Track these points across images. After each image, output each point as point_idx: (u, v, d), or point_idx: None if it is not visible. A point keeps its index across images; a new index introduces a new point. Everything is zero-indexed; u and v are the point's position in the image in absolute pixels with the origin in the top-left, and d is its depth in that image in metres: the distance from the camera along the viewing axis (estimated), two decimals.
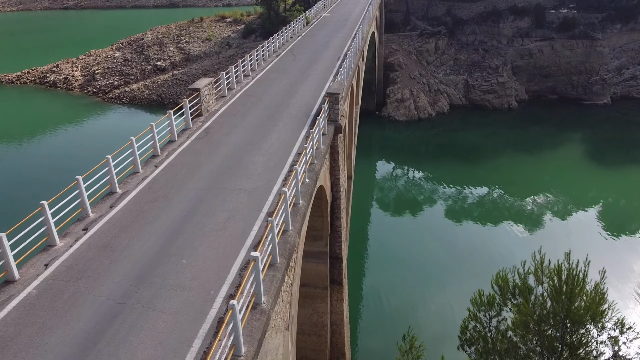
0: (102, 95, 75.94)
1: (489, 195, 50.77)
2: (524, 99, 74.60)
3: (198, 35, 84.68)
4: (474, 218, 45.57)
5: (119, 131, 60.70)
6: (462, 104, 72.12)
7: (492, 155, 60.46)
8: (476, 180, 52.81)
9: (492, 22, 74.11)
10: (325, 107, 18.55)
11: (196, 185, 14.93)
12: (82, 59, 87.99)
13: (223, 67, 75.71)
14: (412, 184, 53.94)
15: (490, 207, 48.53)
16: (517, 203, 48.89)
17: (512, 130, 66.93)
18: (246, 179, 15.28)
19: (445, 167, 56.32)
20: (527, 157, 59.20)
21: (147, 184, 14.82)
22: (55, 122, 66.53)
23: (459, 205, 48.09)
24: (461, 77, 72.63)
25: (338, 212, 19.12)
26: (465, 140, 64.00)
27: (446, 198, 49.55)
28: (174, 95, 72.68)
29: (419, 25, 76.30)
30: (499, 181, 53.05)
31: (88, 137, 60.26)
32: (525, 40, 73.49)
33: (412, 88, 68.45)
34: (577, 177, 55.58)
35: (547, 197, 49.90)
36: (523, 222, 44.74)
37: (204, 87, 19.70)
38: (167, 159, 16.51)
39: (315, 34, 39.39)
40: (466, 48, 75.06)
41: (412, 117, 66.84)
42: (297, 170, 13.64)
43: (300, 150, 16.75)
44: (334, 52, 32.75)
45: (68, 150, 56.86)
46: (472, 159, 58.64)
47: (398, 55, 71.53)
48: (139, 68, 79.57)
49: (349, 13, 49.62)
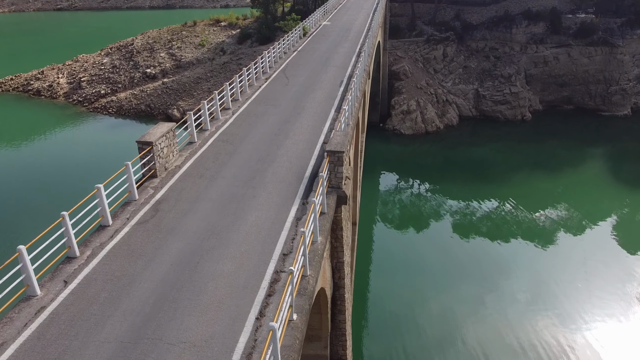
0: (88, 105, 71.24)
1: (500, 211, 46.41)
2: (537, 110, 69.78)
3: (191, 40, 79.89)
4: (483, 234, 41.95)
5: (96, 146, 56.05)
6: (472, 115, 67.30)
7: (504, 171, 55.70)
8: (486, 196, 48.54)
9: (504, 27, 69.21)
10: (324, 169, 13.67)
11: (111, 335, 9.11)
12: (68, 65, 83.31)
13: (216, 75, 71.04)
14: (419, 201, 49.21)
15: (500, 223, 44.36)
16: (529, 219, 44.61)
17: (525, 143, 62.10)
18: (197, 319, 9.59)
19: (454, 184, 51.66)
20: (542, 172, 54.64)
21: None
22: (28, 134, 61.84)
23: (469, 223, 43.83)
24: (471, 87, 67.80)
25: (341, 304, 14.20)
26: (476, 155, 59.23)
27: (455, 215, 45.14)
28: (163, 106, 67.97)
29: (425, 31, 71.42)
30: (511, 197, 48.66)
31: (57, 154, 55.58)
32: (540, 47, 68.60)
33: (419, 99, 63.60)
34: (594, 193, 51.17)
35: (561, 213, 46.01)
36: (536, 239, 40.92)
37: (160, 139, 14.58)
38: (82, 272, 10.74)
39: (314, 48, 34.29)
40: (476, 55, 70.22)
41: (419, 130, 62.00)
42: (282, 300, 8.75)
43: (287, 250, 11.49)
44: (336, 74, 27.91)
45: (33, 164, 52.49)
46: (483, 176, 53.97)
47: (403, 63, 66.69)
48: (128, 75, 74.82)
49: (352, 21, 44.42)
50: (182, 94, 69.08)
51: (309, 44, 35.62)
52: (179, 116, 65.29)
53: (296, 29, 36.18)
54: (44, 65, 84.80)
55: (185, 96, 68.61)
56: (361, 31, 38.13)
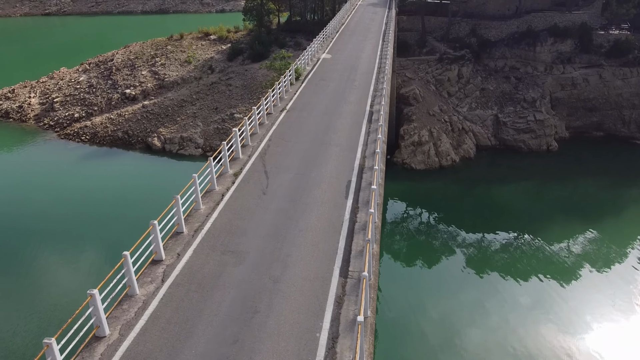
0: (59, 130, 63.53)
1: (521, 255, 39.37)
2: (563, 137, 61.95)
3: (176, 56, 72.16)
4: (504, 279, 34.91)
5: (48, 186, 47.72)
6: (491, 145, 59.52)
7: (527, 213, 48.17)
8: (507, 239, 41.63)
9: (527, 44, 61.38)
10: None
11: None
12: (42, 82, 75.62)
13: (202, 98, 63.35)
14: (431, 251, 41.49)
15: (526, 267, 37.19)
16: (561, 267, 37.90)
17: (550, 176, 54.49)
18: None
19: (472, 232, 44.15)
20: (570, 211, 47.70)
21: None
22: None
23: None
24: (490, 112, 60.03)
25: None
26: (496, 194, 51.53)
27: (471, 264, 37.80)
28: (142, 133, 60.21)
29: (437, 48, 63.59)
30: (535, 239, 41.75)
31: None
32: (568, 67, 60.79)
33: (432, 128, 55.83)
34: (624, 230, 44.44)
35: (590, 253, 40.55)
36: (561, 279, 36.09)
37: None
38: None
39: (308, 104, 25.82)
40: (495, 76, 62.45)
41: (432, 165, 54.24)
42: None
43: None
44: (339, 166, 18.91)
45: None
46: (504, 218, 46.66)
47: (413, 86, 58.93)
48: (105, 97, 67.11)
49: (358, 52, 35.82)
50: (164, 119, 61.36)
51: (302, 97, 27.16)
52: (159, 145, 57.71)
53: (290, 71, 27.79)
54: (18, 82, 77.16)
55: (167, 122, 60.91)
56: (370, 71, 29.81)
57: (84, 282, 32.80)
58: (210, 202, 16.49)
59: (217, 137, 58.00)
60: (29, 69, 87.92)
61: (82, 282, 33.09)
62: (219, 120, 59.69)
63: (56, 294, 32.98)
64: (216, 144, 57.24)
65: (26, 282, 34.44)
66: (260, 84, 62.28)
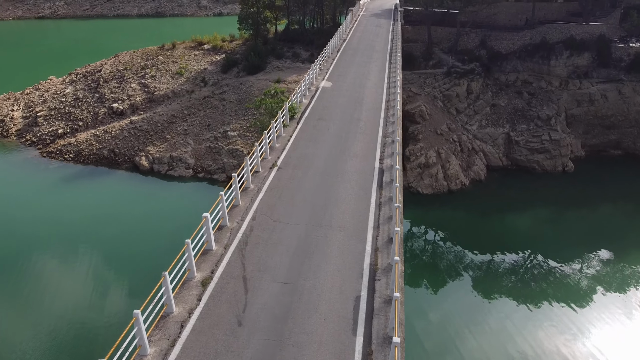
0: (42, 147, 59.57)
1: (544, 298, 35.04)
2: (579, 156, 58.01)
3: (167, 67, 68.20)
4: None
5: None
6: (503, 165, 55.57)
7: (543, 240, 44.50)
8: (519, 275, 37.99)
9: (541, 57, 57.39)
10: None
11: None
12: (27, 93, 71.71)
13: (194, 113, 59.39)
14: (440, 279, 37.72)
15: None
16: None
17: (568, 202, 50.57)
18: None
19: (484, 257, 40.78)
20: (591, 239, 44.20)
21: None
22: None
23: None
24: (501, 130, 56.09)
25: None
26: (509, 219, 47.75)
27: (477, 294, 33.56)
28: (130, 151, 56.25)
29: (445, 61, 59.61)
30: (552, 269, 37.55)
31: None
32: (585, 82, 56.81)
33: (440, 148, 51.89)
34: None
35: (608, 281, 37.96)
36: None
37: None
38: None
39: (304, 156, 21.08)
40: (506, 90, 58.50)
41: (441, 189, 50.30)
42: None
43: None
44: (344, 266, 14.13)
45: None
46: (519, 247, 43.02)
47: (419, 102, 54.96)
48: (91, 111, 63.16)
49: (362, 80, 30.73)
50: (152, 136, 57.39)
51: (297, 145, 22.29)
52: (147, 165, 53.73)
53: (283, 112, 23.15)
54: (2, 93, 73.24)
55: (156, 139, 56.94)
56: (377, 105, 24.87)
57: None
58: (164, 341, 11.78)
59: (209, 157, 54.11)
60: (16, 78, 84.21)
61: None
62: (211, 138, 55.72)
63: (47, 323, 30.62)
64: (208, 165, 53.35)
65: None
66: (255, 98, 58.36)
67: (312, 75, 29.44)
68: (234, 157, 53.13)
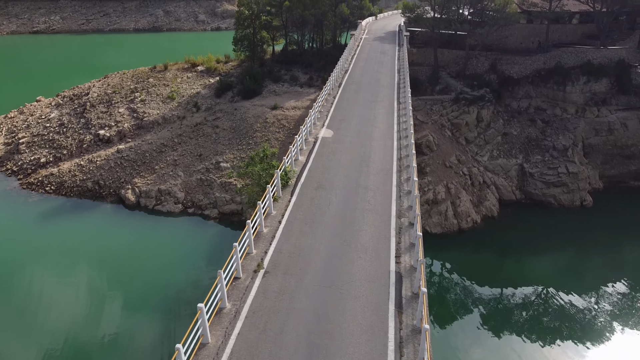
0: (23, 178, 55.74)
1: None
2: (597, 188, 54.20)
3: (158, 90, 64.54)
4: None
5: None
6: (516, 199, 51.68)
7: (561, 281, 40.79)
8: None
9: (555, 83, 53.74)
10: None
11: None
12: (11, 117, 68.06)
13: (185, 142, 55.62)
14: (451, 325, 33.69)
15: None
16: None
17: (587, 240, 46.83)
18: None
19: (496, 302, 36.74)
20: (612, 279, 40.40)
21: None
22: None
23: None
24: (514, 161, 52.27)
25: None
26: (524, 260, 43.81)
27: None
28: (115, 183, 52.38)
29: (452, 86, 55.93)
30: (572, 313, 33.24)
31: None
32: (603, 110, 53.14)
33: (449, 183, 48.02)
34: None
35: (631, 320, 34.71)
36: None
37: None
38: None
39: (297, 251, 16.87)
40: (518, 118, 54.78)
41: (451, 227, 46.35)
42: None
43: None
44: None
45: None
46: (535, 290, 39.36)
47: (426, 131, 51.20)
48: (76, 138, 59.39)
49: (368, 128, 25.89)
50: (140, 167, 53.55)
51: (289, 232, 18.03)
52: (133, 200, 49.83)
53: (275, 179, 19.42)
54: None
55: (144, 170, 53.09)
56: (388, 166, 19.92)
57: None
58: None
59: (200, 190, 50.21)
60: (1, 99, 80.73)
61: None
62: (202, 169, 51.88)
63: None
64: (198, 199, 49.44)
65: None
66: (251, 126, 54.63)
67: (312, 121, 25.27)
68: (227, 191, 49.27)
